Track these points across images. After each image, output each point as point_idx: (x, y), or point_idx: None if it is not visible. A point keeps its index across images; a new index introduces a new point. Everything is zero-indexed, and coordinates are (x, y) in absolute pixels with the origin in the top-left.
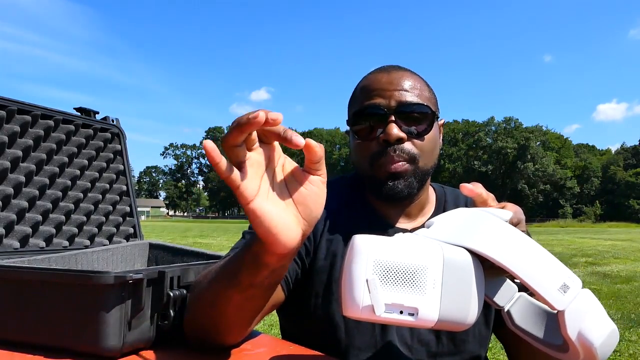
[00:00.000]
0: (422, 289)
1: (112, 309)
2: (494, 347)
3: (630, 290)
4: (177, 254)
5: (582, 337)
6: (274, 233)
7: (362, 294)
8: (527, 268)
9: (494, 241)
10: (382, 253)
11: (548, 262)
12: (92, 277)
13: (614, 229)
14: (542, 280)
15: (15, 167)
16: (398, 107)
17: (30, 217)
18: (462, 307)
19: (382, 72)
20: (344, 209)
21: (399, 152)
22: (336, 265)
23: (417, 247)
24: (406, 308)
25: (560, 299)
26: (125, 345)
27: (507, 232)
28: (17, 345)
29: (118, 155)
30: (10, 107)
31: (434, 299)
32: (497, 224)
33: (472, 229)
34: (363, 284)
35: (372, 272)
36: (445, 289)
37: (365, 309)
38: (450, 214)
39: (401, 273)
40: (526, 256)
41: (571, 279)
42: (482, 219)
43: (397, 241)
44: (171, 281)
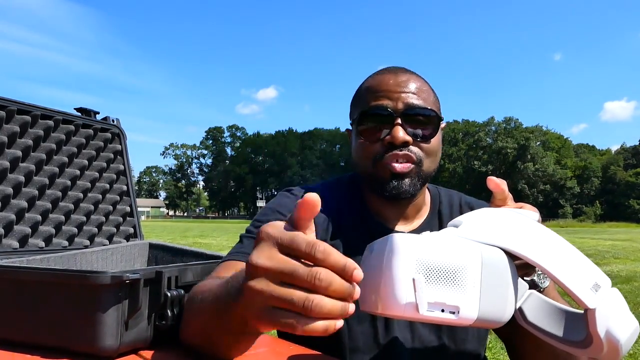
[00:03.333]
0: (463, 288)
1: (109, 309)
2: (494, 347)
3: (630, 290)
4: (177, 254)
5: (610, 334)
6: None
7: (405, 293)
8: (562, 267)
9: (529, 241)
10: (424, 252)
11: (581, 261)
12: (89, 277)
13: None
14: (576, 280)
15: (14, 167)
16: (405, 110)
17: (30, 217)
18: (499, 306)
19: (389, 73)
20: (344, 212)
21: (404, 153)
22: None
23: (456, 246)
24: (448, 307)
25: (592, 298)
26: (122, 345)
27: (541, 232)
28: (15, 344)
29: (118, 155)
30: (9, 107)
31: (474, 298)
32: (530, 224)
33: (505, 228)
34: (407, 282)
35: (416, 271)
36: (484, 288)
37: (408, 307)
38: (477, 213)
39: (443, 272)
40: (560, 256)
41: (602, 278)
42: (513, 219)
43: (435, 239)
44: (169, 281)
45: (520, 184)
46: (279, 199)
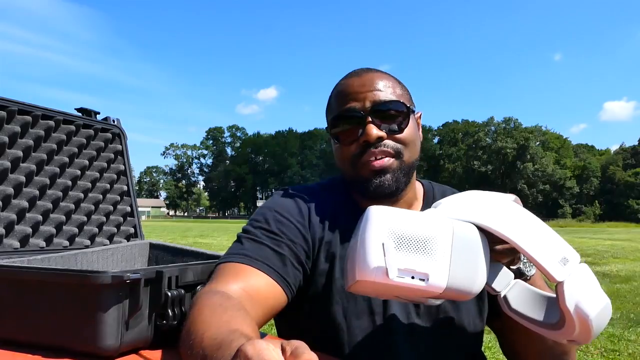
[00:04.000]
0: (433, 257)
1: (109, 309)
2: (493, 347)
3: (629, 289)
4: (177, 253)
5: (579, 309)
6: None
7: (376, 258)
8: (531, 241)
9: (500, 217)
10: (397, 222)
11: (550, 236)
12: (90, 276)
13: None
14: (544, 253)
15: (15, 167)
16: (373, 107)
17: (31, 217)
18: (469, 276)
19: (353, 76)
20: (340, 211)
21: (381, 150)
22: (335, 267)
23: (429, 219)
24: (417, 273)
25: (560, 271)
26: (123, 345)
27: (512, 209)
28: (16, 344)
29: (119, 155)
30: (10, 108)
31: (443, 267)
32: (502, 202)
33: (479, 206)
34: (378, 248)
35: (387, 237)
36: (454, 258)
37: (379, 271)
38: (456, 195)
39: (414, 241)
40: (529, 231)
41: (571, 253)
42: (487, 198)
43: (410, 213)
44: (169, 281)
45: (519, 184)
46: (274, 199)
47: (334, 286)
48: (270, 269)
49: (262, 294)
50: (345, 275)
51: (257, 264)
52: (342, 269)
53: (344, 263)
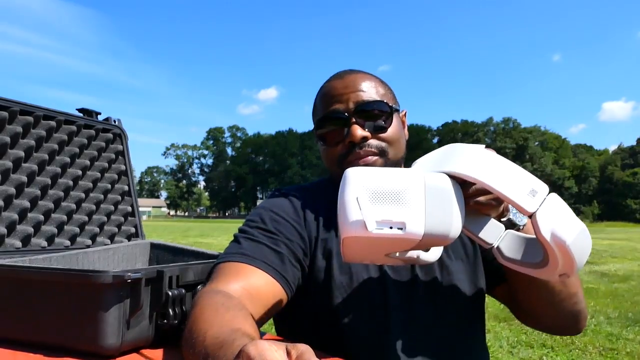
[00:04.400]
0: (408, 206)
1: (110, 308)
2: (493, 346)
3: (627, 289)
4: (178, 253)
5: (555, 236)
6: None
7: (354, 212)
8: (498, 179)
9: (467, 162)
10: (370, 179)
11: (516, 171)
12: (91, 276)
13: (611, 228)
14: (512, 188)
15: (17, 167)
16: (357, 108)
17: (32, 216)
18: (445, 221)
19: (337, 78)
20: (333, 209)
21: (365, 150)
22: (332, 262)
23: (401, 173)
24: (395, 223)
25: (530, 202)
26: (124, 344)
27: (477, 153)
28: (18, 343)
29: (120, 155)
30: (12, 108)
31: (419, 213)
32: (469, 149)
33: (448, 157)
34: (354, 203)
35: (361, 193)
36: (428, 205)
37: (358, 225)
38: (430, 153)
39: (388, 193)
40: (495, 169)
41: (538, 184)
42: (455, 148)
43: (383, 170)
44: (170, 280)
45: None
46: (269, 199)
47: (333, 282)
48: (270, 268)
49: (262, 293)
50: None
51: (256, 263)
52: (340, 266)
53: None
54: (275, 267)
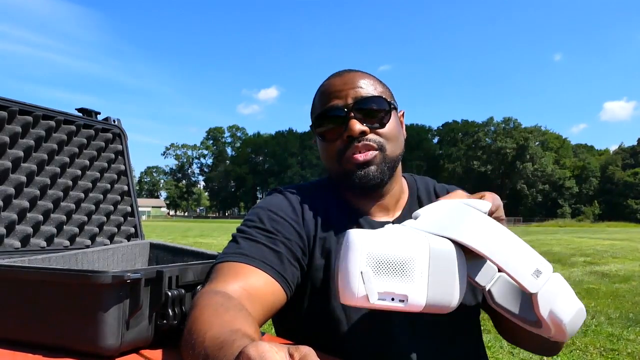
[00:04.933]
0: (411, 278)
1: (110, 309)
2: (493, 347)
3: (628, 289)
4: (177, 253)
5: (553, 316)
6: None
7: (357, 284)
8: (504, 256)
9: (475, 232)
10: (374, 246)
11: (522, 250)
12: (90, 276)
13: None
14: (518, 267)
15: (16, 167)
16: (355, 104)
17: (32, 217)
18: (447, 293)
19: (336, 76)
20: (332, 208)
21: (364, 144)
22: (331, 261)
23: (406, 239)
24: (397, 295)
25: (533, 283)
26: (124, 345)
27: (486, 224)
28: (17, 344)
29: (119, 155)
30: (11, 108)
31: (421, 286)
32: (477, 216)
33: (455, 221)
34: (358, 275)
35: (365, 265)
36: (431, 277)
37: (360, 297)
38: (434, 206)
39: (392, 264)
40: (503, 245)
41: (543, 264)
42: (463, 211)
43: (387, 234)
44: (170, 281)
45: (519, 184)
46: (267, 199)
47: (331, 281)
48: (269, 267)
49: (261, 293)
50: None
51: (255, 263)
52: None
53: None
54: (274, 266)
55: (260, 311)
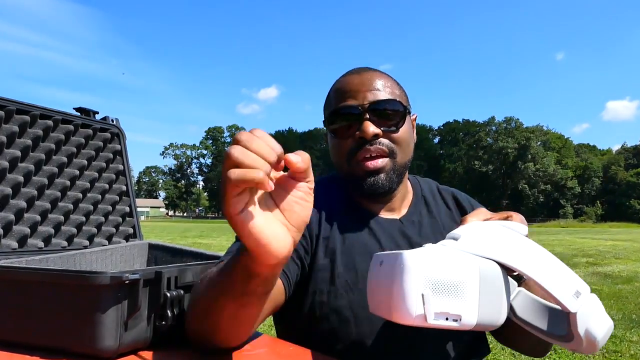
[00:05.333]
0: (464, 299)
1: (108, 310)
2: (494, 348)
3: (631, 290)
4: (176, 254)
5: (589, 333)
6: (263, 244)
7: (415, 305)
8: (548, 278)
9: (519, 255)
10: (431, 269)
11: (563, 271)
12: (88, 277)
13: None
14: (560, 288)
15: (13, 167)
16: (371, 105)
17: (29, 217)
18: (495, 311)
19: (354, 74)
20: (336, 207)
21: (376, 147)
22: (336, 261)
23: (458, 262)
24: (451, 315)
25: (574, 304)
26: (122, 346)
27: (528, 246)
28: (14, 345)
29: (117, 155)
30: (8, 107)
31: (473, 306)
32: (519, 239)
33: (499, 243)
34: (417, 297)
35: (424, 287)
36: (482, 297)
37: (417, 317)
38: (472, 227)
39: (447, 286)
40: (546, 267)
41: (582, 285)
42: (505, 234)
43: (441, 257)
44: (168, 282)
45: (520, 184)
46: None
47: (337, 280)
48: None
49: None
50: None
51: None
52: (345, 264)
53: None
54: None
55: None
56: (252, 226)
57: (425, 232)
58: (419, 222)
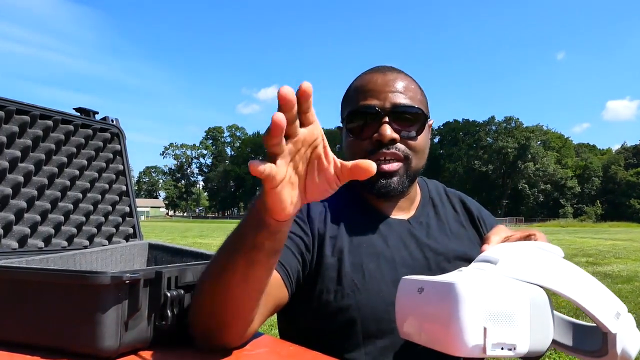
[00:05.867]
0: (518, 328)
1: (108, 310)
2: None
3: (631, 290)
4: (176, 254)
5: (625, 352)
6: (281, 207)
7: (474, 338)
8: (592, 302)
9: (563, 279)
10: (489, 301)
11: (604, 293)
12: (89, 277)
13: (614, 228)
14: (604, 311)
15: (14, 167)
16: (392, 109)
17: (29, 217)
18: (544, 337)
19: (377, 72)
20: (343, 206)
21: (392, 152)
22: (344, 260)
23: (511, 291)
24: (507, 344)
25: (615, 325)
26: (122, 346)
27: (570, 270)
28: (15, 345)
29: (117, 155)
30: (8, 108)
31: (525, 335)
32: (560, 262)
33: (541, 267)
34: (477, 329)
35: (484, 319)
36: (532, 325)
37: (475, 348)
38: (510, 250)
39: (503, 316)
40: (589, 290)
41: (621, 306)
42: (545, 258)
43: (494, 287)
44: (169, 281)
45: (520, 184)
46: None
47: (344, 280)
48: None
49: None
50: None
51: None
52: (352, 263)
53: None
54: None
55: (261, 305)
56: (281, 195)
57: (433, 234)
58: (427, 224)
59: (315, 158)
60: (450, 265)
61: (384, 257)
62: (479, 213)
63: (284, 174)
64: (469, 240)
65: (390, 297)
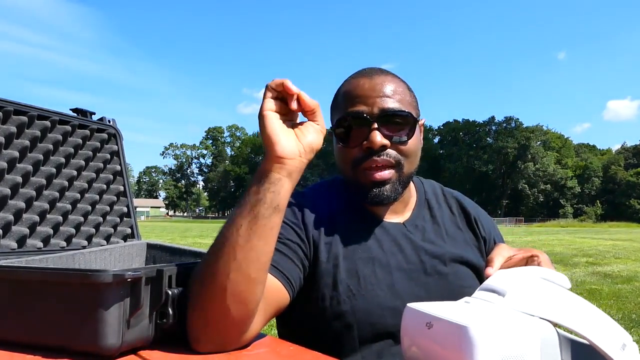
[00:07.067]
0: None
1: (110, 308)
2: None
3: (631, 290)
4: (175, 253)
5: None
6: (274, 139)
7: None
8: (599, 335)
9: (571, 314)
10: (502, 345)
11: (610, 325)
12: (91, 275)
13: (614, 228)
14: (610, 343)
15: (12, 168)
16: (381, 114)
17: (28, 217)
18: None
19: (364, 76)
20: (338, 211)
21: (383, 158)
22: (339, 266)
23: (522, 331)
24: None
25: (621, 356)
26: (124, 344)
27: (577, 303)
28: (16, 345)
29: (115, 155)
30: (6, 108)
31: None
32: (567, 295)
33: (551, 302)
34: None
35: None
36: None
37: None
38: (516, 281)
39: (515, 357)
40: (596, 323)
41: (626, 337)
42: (553, 291)
43: (507, 329)
44: (170, 280)
45: (520, 184)
46: None
47: (340, 286)
48: (272, 267)
49: (266, 291)
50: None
51: None
52: (347, 269)
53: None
54: (276, 265)
55: (265, 308)
56: (271, 123)
57: (428, 237)
58: (422, 227)
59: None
60: (446, 268)
61: (379, 261)
62: (476, 214)
63: (275, 108)
64: (465, 242)
65: (385, 302)
